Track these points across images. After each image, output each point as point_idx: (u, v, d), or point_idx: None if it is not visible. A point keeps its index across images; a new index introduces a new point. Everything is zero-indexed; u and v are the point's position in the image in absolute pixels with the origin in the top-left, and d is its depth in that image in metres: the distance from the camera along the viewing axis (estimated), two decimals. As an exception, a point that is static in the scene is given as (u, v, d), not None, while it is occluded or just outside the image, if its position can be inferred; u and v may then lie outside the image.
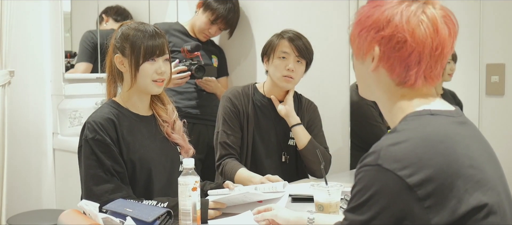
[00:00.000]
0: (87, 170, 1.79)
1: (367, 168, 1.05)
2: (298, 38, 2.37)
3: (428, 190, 0.99)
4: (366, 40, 1.17)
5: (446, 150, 1.03)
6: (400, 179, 0.99)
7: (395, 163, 1.01)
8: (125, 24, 1.93)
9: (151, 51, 1.86)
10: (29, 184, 3.34)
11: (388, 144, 1.05)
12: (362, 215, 1.03)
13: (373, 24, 1.15)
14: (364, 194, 1.03)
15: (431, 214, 0.99)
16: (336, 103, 2.79)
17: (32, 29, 3.31)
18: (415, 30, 1.11)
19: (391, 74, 1.16)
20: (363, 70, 1.22)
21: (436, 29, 1.12)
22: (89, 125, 1.81)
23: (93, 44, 3.42)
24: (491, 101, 2.29)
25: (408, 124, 1.10)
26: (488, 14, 2.26)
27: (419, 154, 1.02)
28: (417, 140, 1.04)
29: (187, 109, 2.90)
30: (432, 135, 1.06)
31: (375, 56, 1.16)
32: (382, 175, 1.01)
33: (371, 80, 1.21)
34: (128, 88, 1.89)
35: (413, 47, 1.11)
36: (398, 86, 1.17)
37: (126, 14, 3.63)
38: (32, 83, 3.32)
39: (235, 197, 1.83)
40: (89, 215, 1.55)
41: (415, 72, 1.13)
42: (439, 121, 1.10)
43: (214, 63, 3.09)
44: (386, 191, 1.00)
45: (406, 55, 1.12)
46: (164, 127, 1.97)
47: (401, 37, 1.11)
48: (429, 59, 1.13)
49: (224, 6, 2.97)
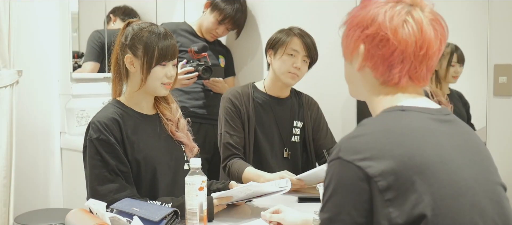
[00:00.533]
0: (92, 170, 1.79)
1: (331, 163, 1.06)
2: (307, 36, 2.39)
3: (389, 181, 0.98)
4: (352, 39, 1.19)
5: (409, 143, 1.03)
6: (360, 169, 1.00)
7: (355, 154, 1.02)
8: (134, 23, 1.93)
9: (165, 55, 1.86)
10: (37, 183, 3.36)
11: (349, 137, 1.06)
12: (329, 211, 1.03)
13: (359, 23, 1.17)
14: (329, 189, 1.04)
15: (391, 208, 0.98)
16: (342, 102, 2.79)
17: (40, 29, 3.32)
18: (398, 29, 1.12)
19: (375, 73, 1.17)
20: (351, 70, 1.24)
21: (420, 29, 1.12)
22: (93, 125, 1.81)
23: (100, 44, 3.44)
24: (499, 102, 2.28)
25: (375, 118, 1.13)
26: (496, 14, 2.24)
27: (380, 145, 1.02)
28: (378, 132, 1.05)
29: (194, 109, 2.90)
30: (396, 128, 1.06)
31: (360, 55, 1.17)
32: (343, 167, 1.02)
33: (358, 80, 1.23)
34: (136, 88, 1.89)
35: (396, 46, 1.12)
36: (382, 85, 1.18)
37: (134, 14, 3.64)
38: (40, 83, 3.34)
39: (239, 190, 1.83)
40: (97, 214, 1.55)
41: (399, 71, 1.14)
42: (409, 115, 1.11)
43: (221, 64, 3.09)
44: (347, 182, 1.01)
45: (389, 53, 1.13)
46: (168, 125, 1.97)
47: (384, 35, 1.12)
48: (413, 59, 1.13)
49: (231, 6, 2.97)
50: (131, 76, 1.90)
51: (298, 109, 2.49)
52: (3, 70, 2.84)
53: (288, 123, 2.45)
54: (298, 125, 2.48)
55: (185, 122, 2.04)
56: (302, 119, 2.49)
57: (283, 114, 2.45)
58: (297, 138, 2.45)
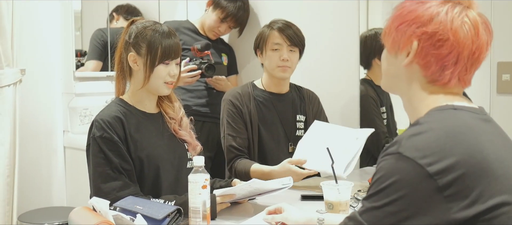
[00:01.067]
0: (95, 168, 1.80)
1: (388, 157, 1.05)
2: (288, 27, 2.39)
3: (449, 179, 0.99)
4: (405, 34, 1.17)
5: (469, 141, 1.04)
6: (420, 167, 1.00)
7: (416, 151, 1.01)
8: (138, 22, 1.93)
9: (168, 54, 1.87)
10: (40, 181, 3.36)
11: (409, 134, 1.05)
12: (378, 201, 1.04)
13: (415, 19, 1.15)
14: (383, 182, 1.03)
15: (451, 204, 0.98)
16: (346, 99, 2.78)
17: (43, 28, 3.33)
18: (458, 30, 1.11)
19: (425, 71, 1.16)
20: (394, 64, 1.22)
21: (477, 32, 1.13)
22: (96, 123, 1.82)
23: (103, 42, 3.44)
24: (502, 100, 2.27)
25: (430, 116, 1.11)
26: (499, 12, 2.24)
27: (441, 143, 1.02)
28: (438, 131, 1.05)
29: (197, 108, 2.90)
30: (455, 126, 1.06)
31: (411, 51, 1.16)
32: (403, 163, 1.02)
33: (402, 75, 1.21)
34: (139, 87, 1.89)
35: (454, 47, 1.11)
36: (430, 83, 1.17)
37: (137, 12, 3.65)
38: (43, 82, 3.34)
39: (241, 187, 1.83)
40: (100, 212, 1.55)
41: (451, 73, 1.14)
42: (462, 115, 1.11)
43: (224, 62, 3.09)
44: (406, 179, 1.01)
45: (445, 54, 1.12)
46: (171, 124, 1.97)
47: (444, 35, 1.11)
48: (466, 61, 1.13)
49: (233, 4, 2.97)
50: (135, 75, 1.91)
51: (299, 104, 2.50)
52: (6, 69, 2.85)
53: (291, 117, 2.46)
54: (301, 119, 2.48)
55: (188, 120, 2.04)
56: (304, 112, 2.49)
57: (285, 109, 2.46)
58: (301, 132, 2.46)
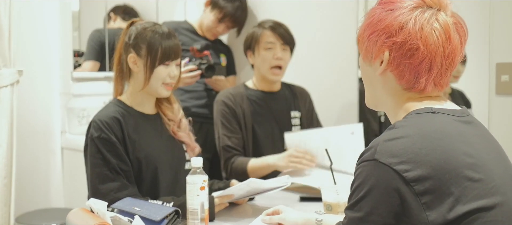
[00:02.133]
0: (93, 169, 1.80)
1: (364, 163, 1.05)
2: (279, 26, 2.42)
3: (426, 186, 0.98)
4: (376, 44, 1.16)
5: (444, 147, 1.03)
6: (396, 173, 0.99)
7: (391, 157, 1.01)
8: (137, 23, 1.93)
9: (168, 55, 1.87)
10: (38, 182, 3.35)
11: (385, 139, 1.05)
12: (360, 211, 1.03)
13: (385, 29, 1.14)
14: (362, 190, 1.03)
15: (428, 211, 0.98)
16: (345, 100, 2.78)
17: (40, 28, 3.32)
18: (428, 38, 1.10)
19: (400, 80, 1.16)
20: (369, 72, 1.22)
21: (448, 37, 1.11)
22: (94, 123, 1.81)
23: (100, 43, 3.43)
24: (501, 101, 2.27)
25: (407, 121, 1.11)
26: (497, 13, 2.24)
27: (416, 150, 1.01)
28: (414, 137, 1.04)
29: (195, 109, 2.90)
30: (431, 132, 1.05)
31: (384, 61, 1.15)
32: (379, 170, 1.01)
33: (377, 84, 1.20)
34: (140, 88, 1.89)
35: (425, 55, 1.10)
36: (406, 90, 1.17)
37: (134, 13, 3.64)
38: (40, 82, 3.33)
39: (239, 187, 1.82)
40: (98, 213, 1.55)
41: (425, 80, 1.13)
42: (440, 118, 1.10)
43: (222, 62, 3.09)
44: (383, 185, 1.00)
45: (417, 62, 1.11)
46: (169, 125, 1.97)
47: (414, 44, 1.10)
48: (440, 67, 1.12)
49: (231, 4, 2.97)
50: (134, 76, 1.90)
51: (293, 100, 2.51)
52: (3, 70, 2.84)
53: (286, 114, 2.47)
54: (296, 115, 2.50)
55: (187, 122, 2.04)
56: (298, 108, 2.51)
57: (279, 107, 2.47)
58: (297, 128, 2.46)
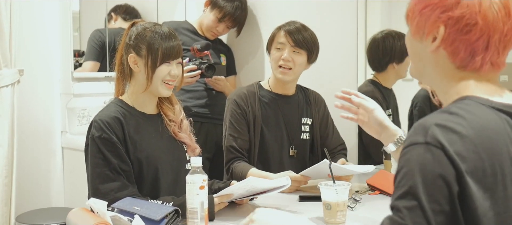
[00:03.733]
0: (93, 168, 1.80)
1: (413, 146, 0.97)
2: (297, 29, 2.35)
3: (479, 176, 0.93)
4: (430, 19, 1.09)
5: (495, 149, 0.96)
6: (450, 159, 0.93)
7: (446, 142, 0.94)
8: (138, 23, 1.94)
9: (169, 54, 1.88)
10: (38, 182, 3.36)
11: (438, 123, 0.97)
12: (415, 199, 0.93)
13: (439, 3, 1.07)
14: (412, 176, 0.94)
15: (486, 201, 0.93)
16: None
17: (41, 28, 3.32)
18: (487, 13, 1.03)
19: (453, 58, 1.08)
20: (420, 49, 1.14)
21: (508, 12, 1.05)
22: (95, 123, 1.82)
23: (100, 43, 3.44)
24: (500, 101, 2.27)
25: (462, 106, 1.02)
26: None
27: (468, 143, 0.95)
28: (469, 129, 0.96)
29: (195, 108, 2.90)
30: (485, 128, 0.98)
31: (438, 37, 1.08)
32: (431, 154, 0.94)
33: (428, 61, 1.13)
34: (142, 90, 1.89)
35: (483, 31, 1.04)
36: (459, 69, 1.09)
37: (135, 13, 3.64)
38: (41, 82, 3.34)
39: (238, 186, 1.83)
40: (98, 213, 1.55)
41: (481, 58, 1.06)
42: (497, 117, 1.02)
43: (222, 62, 3.09)
44: (437, 171, 0.93)
45: (474, 39, 1.05)
46: (170, 126, 1.97)
47: (472, 19, 1.03)
48: (498, 44, 1.06)
49: (231, 4, 2.97)
50: (135, 76, 1.91)
51: (305, 106, 2.48)
52: (4, 70, 2.84)
53: (296, 120, 2.44)
54: (307, 122, 2.46)
55: (188, 123, 2.04)
56: (310, 116, 2.47)
57: (290, 112, 2.44)
58: (307, 135, 2.44)
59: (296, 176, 2.11)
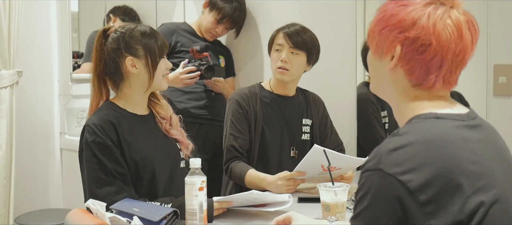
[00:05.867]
0: (89, 173, 1.79)
1: (369, 172, 1.04)
2: (296, 31, 2.37)
3: (429, 195, 0.98)
4: (388, 39, 1.14)
5: (447, 155, 1.02)
6: (401, 184, 0.99)
7: (396, 167, 1.00)
8: (116, 29, 1.94)
9: (163, 49, 1.94)
10: (37, 183, 3.36)
11: (389, 149, 1.03)
12: (364, 221, 1.02)
13: (397, 24, 1.13)
14: (366, 199, 1.02)
15: (432, 220, 0.98)
16: (343, 101, 2.78)
17: (40, 30, 3.33)
18: (441, 34, 1.09)
19: (410, 76, 1.14)
20: (379, 67, 1.20)
21: (460, 34, 1.10)
22: (88, 127, 1.81)
23: (100, 44, 3.43)
24: (499, 102, 2.28)
25: (411, 127, 1.09)
26: (495, 14, 2.24)
27: (420, 158, 1.01)
28: (418, 145, 1.03)
29: (194, 110, 2.90)
30: (434, 139, 1.04)
31: (395, 56, 1.14)
32: (383, 180, 1.01)
33: (387, 79, 1.19)
34: (145, 88, 1.90)
35: (437, 51, 1.09)
36: (414, 87, 1.15)
37: (134, 14, 3.64)
38: (39, 84, 3.34)
39: (240, 196, 1.83)
40: (96, 214, 1.55)
41: (435, 76, 1.12)
42: (444, 124, 1.09)
43: (221, 64, 3.09)
44: (387, 195, 1.00)
45: (429, 58, 1.10)
46: (162, 124, 1.97)
47: (426, 40, 1.09)
48: (451, 64, 1.11)
49: (230, 5, 2.98)
50: (132, 78, 1.90)
51: (305, 107, 2.49)
52: (3, 71, 2.84)
53: (297, 121, 2.44)
54: (307, 123, 2.47)
55: (177, 118, 2.05)
56: (310, 116, 2.48)
57: (291, 112, 2.44)
58: (307, 136, 2.45)
59: (291, 173, 2.11)
